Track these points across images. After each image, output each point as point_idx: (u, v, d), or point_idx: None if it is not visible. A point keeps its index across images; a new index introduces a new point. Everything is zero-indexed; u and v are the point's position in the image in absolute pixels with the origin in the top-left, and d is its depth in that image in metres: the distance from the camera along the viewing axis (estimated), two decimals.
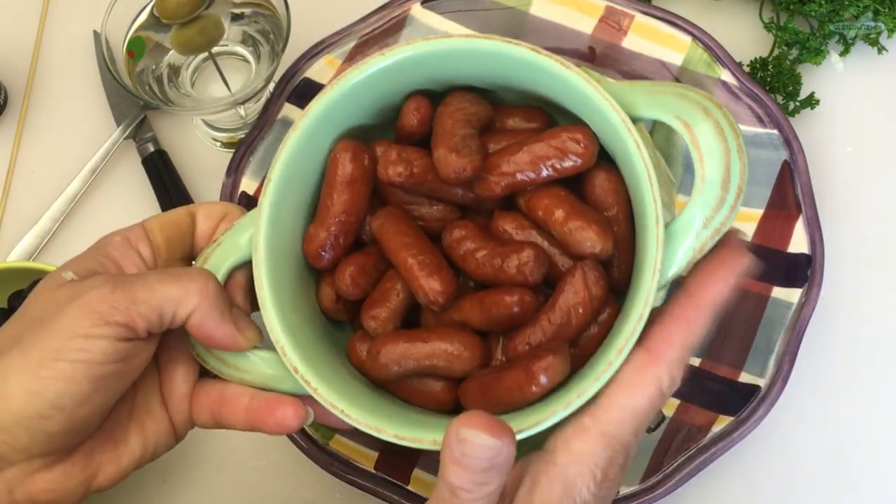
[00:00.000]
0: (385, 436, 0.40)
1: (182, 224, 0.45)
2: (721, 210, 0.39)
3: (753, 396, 0.55)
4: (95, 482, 0.42)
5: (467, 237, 0.43)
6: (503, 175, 0.43)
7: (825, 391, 0.58)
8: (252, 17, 0.63)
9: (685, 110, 0.40)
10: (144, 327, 0.39)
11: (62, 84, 0.69)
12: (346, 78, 0.44)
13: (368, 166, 0.45)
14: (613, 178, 0.43)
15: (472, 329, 0.43)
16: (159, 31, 0.61)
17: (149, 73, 0.62)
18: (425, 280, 0.42)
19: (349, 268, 0.45)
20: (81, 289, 0.39)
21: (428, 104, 0.45)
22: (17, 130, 0.68)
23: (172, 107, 0.62)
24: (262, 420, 0.42)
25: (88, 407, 0.39)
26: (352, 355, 0.46)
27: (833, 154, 0.62)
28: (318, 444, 0.56)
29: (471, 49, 0.43)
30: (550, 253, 0.43)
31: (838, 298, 0.59)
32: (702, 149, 0.39)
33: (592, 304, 0.41)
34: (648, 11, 0.61)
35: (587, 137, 0.42)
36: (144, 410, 0.43)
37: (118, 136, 0.66)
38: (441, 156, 0.42)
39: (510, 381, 0.40)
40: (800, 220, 0.57)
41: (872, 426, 0.57)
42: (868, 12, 0.62)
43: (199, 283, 0.40)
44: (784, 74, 0.62)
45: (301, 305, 0.45)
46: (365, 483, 0.55)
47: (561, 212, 0.41)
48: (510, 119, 0.46)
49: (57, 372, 0.37)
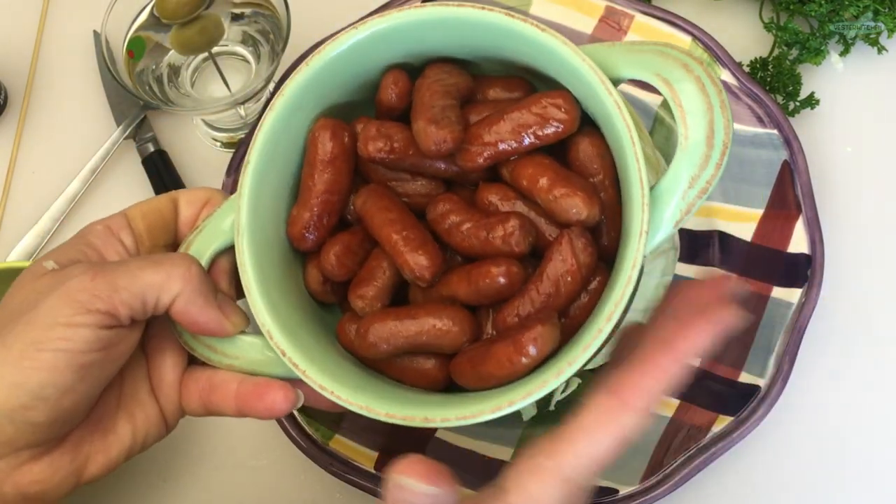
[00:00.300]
0: (375, 415, 0.40)
1: (164, 211, 0.45)
2: (707, 168, 0.38)
3: (753, 396, 0.55)
4: (85, 472, 0.41)
5: (452, 210, 0.43)
6: (485, 145, 0.42)
7: (825, 391, 0.58)
8: (252, 17, 0.63)
9: (665, 68, 0.39)
10: (127, 314, 0.39)
11: (62, 84, 0.69)
12: (321, 55, 0.43)
13: (349, 144, 0.44)
14: (598, 143, 0.42)
15: (460, 303, 0.42)
16: (159, 31, 0.61)
17: (149, 73, 0.62)
18: (411, 256, 0.42)
19: (334, 248, 0.44)
20: (61, 278, 0.39)
21: (406, 77, 0.44)
22: (17, 130, 0.68)
23: (172, 107, 0.62)
24: (251, 405, 0.42)
25: (73, 396, 0.38)
26: (341, 336, 0.45)
27: (833, 154, 0.62)
28: (318, 444, 0.55)
29: (445, 17, 0.42)
30: (537, 222, 0.42)
31: (838, 298, 0.59)
32: (684, 106, 0.38)
33: (581, 273, 0.40)
34: (648, 11, 0.61)
35: (568, 102, 0.41)
36: (133, 399, 0.43)
37: (118, 136, 0.66)
38: (420, 128, 0.41)
39: (500, 354, 0.39)
40: (800, 220, 0.57)
41: (872, 426, 0.57)
42: (868, 12, 0.62)
43: (181, 269, 0.40)
44: (784, 74, 0.62)
45: (288, 289, 0.44)
46: (365, 483, 0.55)
47: (545, 179, 0.41)
48: (491, 89, 0.45)
49: (39, 362, 0.37)
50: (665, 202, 0.38)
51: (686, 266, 0.59)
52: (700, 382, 0.56)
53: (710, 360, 0.56)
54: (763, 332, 0.56)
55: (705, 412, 0.55)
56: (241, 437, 0.59)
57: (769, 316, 0.56)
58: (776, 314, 0.56)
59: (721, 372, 0.56)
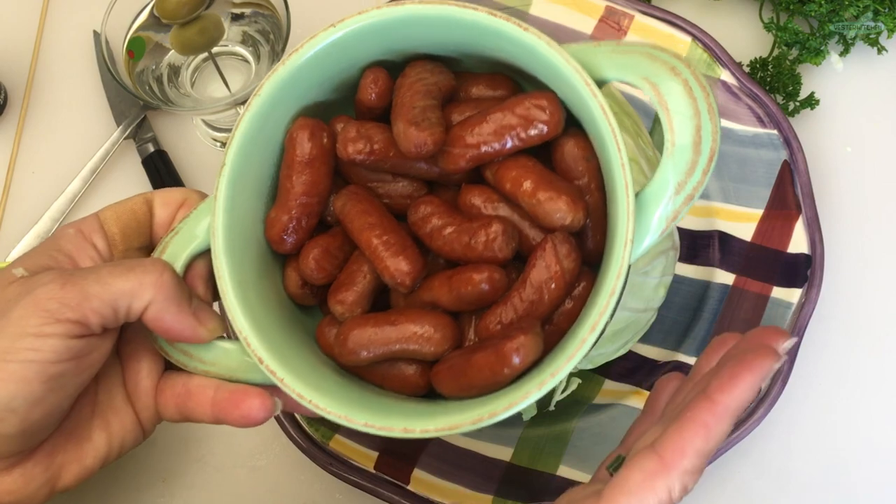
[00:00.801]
0: (354, 424, 0.39)
1: (138, 213, 0.43)
2: (694, 174, 0.37)
3: None
4: (59, 482, 0.40)
5: (433, 213, 0.42)
6: (467, 147, 0.40)
7: (825, 391, 0.58)
8: (252, 17, 0.63)
9: (652, 70, 0.38)
10: (98, 323, 0.38)
11: (62, 84, 0.69)
12: (298, 53, 0.42)
13: (328, 144, 0.43)
14: (583, 146, 0.41)
15: (442, 309, 0.41)
16: (159, 31, 0.61)
17: (149, 73, 0.62)
18: (391, 261, 0.41)
19: (313, 251, 0.43)
20: (30, 286, 0.38)
21: (386, 76, 0.43)
22: (17, 130, 0.68)
23: (172, 107, 0.62)
24: (227, 412, 0.41)
25: (43, 407, 0.38)
26: (321, 341, 0.44)
27: (833, 154, 0.62)
28: (318, 444, 0.55)
29: (425, 15, 0.41)
30: (520, 226, 0.41)
31: (838, 298, 0.59)
32: (670, 110, 0.37)
33: (565, 279, 0.39)
34: (648, 11, 0.61)
35: (552, 104, 0.40)
36: (108, 407, 0.42)
37: (118, 136, 0.66)
38: (400, 130, 0.40)
39: (481, 363, 0.38)
40: (800, 220, 0.57)
41: (872, 426, 0.57)
42: (868, 12, 0.62)
43: (153, 275, 0.39)
44: (784, 74, 0.62)
45: (266, 292, 0.43)
46: (365, 483, 0.55)
47: (529, 183, 0.39)
48: (474, 88, 0.44)
49: (8, 373, 0.36)
50: (651, 209, 0.37)
51: (686, 266, 0.59)
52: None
53: None
54: None
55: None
56: (241, 438, 0.59)
57: (769, 316, 0.56)
58: (776, 314, 0.56)
59: None
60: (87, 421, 0.41)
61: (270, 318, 0.42)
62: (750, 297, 0.57)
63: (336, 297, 0.43)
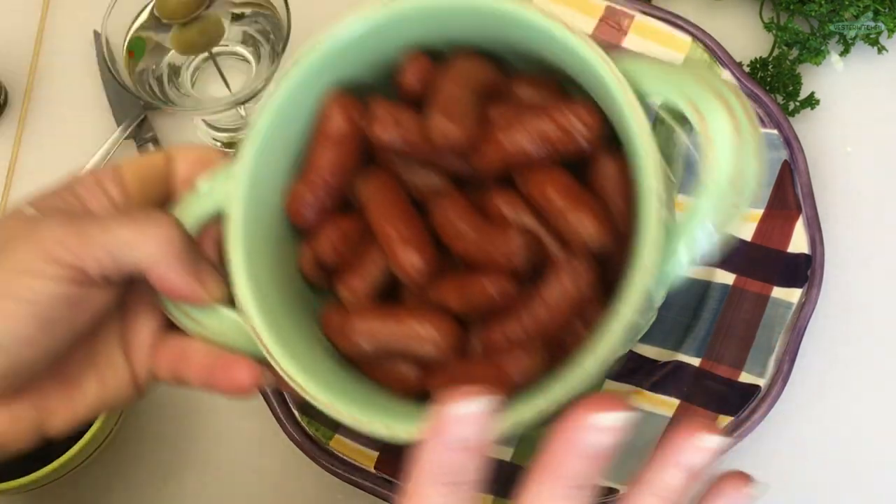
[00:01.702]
0: (341, 417, 0.38)
1: (158, 166, 0.42)
2: (728, 212, 0.35)
3: (753, 396, 0.55)
4: (47, 425, 0.40)
5: (456, 212, 0.40)
6: (500, 149, 0.39)
7: (825, 391, 0.58)
8: (252, 17, 0.63)
9: (699, 94, 0.35)
10: (97, 271, 0.37)
11: (62, 84, 0.69)
12: (344, 27, 0.41)
13: (360, 123, 0.41)
14: (621, 167, 0.39)
15: (450, 312, 0.40)
16: (159, 31, 0.61)
17: (149, 73, 0.62)
18: (403, 253, 0.39)
19: (332, 233, 0.42)
20: (35, 225, 0.37)
21: (428, 62, 0.42)
22: (17, 130, 0.68)
23: (173, 107, 0.62)
24: (215, 378, 0.40)
25: (34, 348, 0.37)
26: (325, 325, 0.42)
27: (833, 154, 0.62)
28: (318, 443, 0.55)
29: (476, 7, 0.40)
30: (542, 239, 0.39)
31: (838, 298, 0.59)
32: (713, 142, 0.35)
33: (578, 302, 0.38)
34: (648, 11, 0.61)
35: (594, 119, 0.38)
36: (104, 357, 0.41)
37: (118, 136, 0.66)
38: (433, 119, 0.39)
39: (479, 376, 0.37)
40: (800, 220, 0.57)
41: (873, 426, 0.57)
42: (868, 12, 0.62)
43: (160, 229, 0.38)
44: (784, 74, 0.62)
45: (277, 265, 0.42)
46: (365, 483, 0.55)
47: (558, 196, 0.38)
48: (519, 88, 0.42)
49: (1, 311, 0.36)
50: (679, 244, 0.35)
51: None
52: (700, 382, 0.56)
53: (710, 360, 0.56)
54: (763, 332, 0.56)
55: (705, 412, 0.55)
56: (241, 438, 0.59)
57: (769, 316, 0.56)
58: (776, 314, 0.56)
59: (721, 372, 0.56)
60: (80, 368, 0.41)
61: (277, 292, 0.41)
62: (750, 296, 0.57)
63: (345, 282, 0.42)
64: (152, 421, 0.60)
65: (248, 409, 0.59)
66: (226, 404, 0.60)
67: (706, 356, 0.56)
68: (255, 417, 0.58)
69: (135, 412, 0.60)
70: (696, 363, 0.56)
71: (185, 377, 0.41)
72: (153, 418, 0.60)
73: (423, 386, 0.41)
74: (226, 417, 0.60)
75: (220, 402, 0.60)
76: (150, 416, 0.60)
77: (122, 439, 0.59)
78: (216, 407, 0.60)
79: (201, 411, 0.60)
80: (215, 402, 0.60)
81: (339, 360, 0.42)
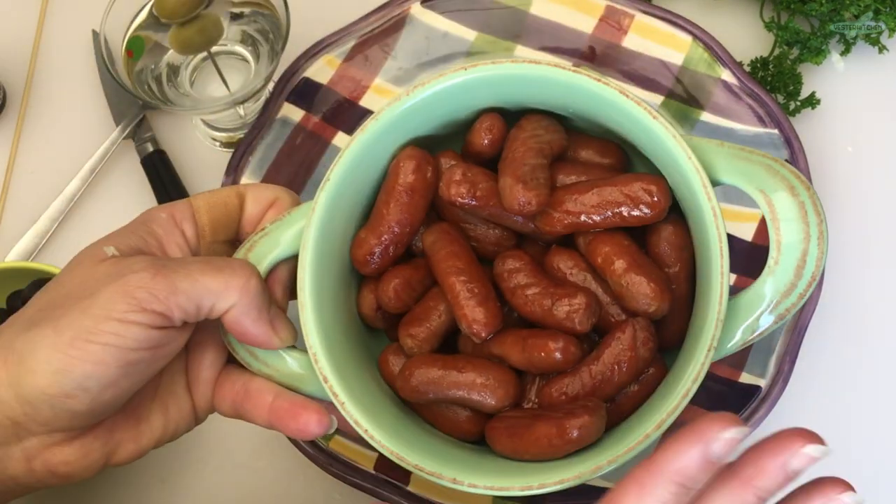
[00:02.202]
0: (405, 465, 0.40)
1: (230, 205, 0.44)
2: (790, 297, 0.37)
3: (754, 397, 0.55)
4: (114, 457, 0.41)
5: (520, 270, 0.42)
6: (567, 213, 0.41)
7: (826, 391, 0.58)
8: (251, 16, 0.63)
9: (770, 184, 0.38)
10: (181, 317, 0.39)
11: (61, 84, 0.69)
12: (422, 88, 0.43)
13: (431, 178, 0.43)
14: (681, 235, 0.41)
15: (509, 365, 0.42)
16: (158, 31, 0.61)
17: (148, 73, 0.62)
18: (471, 310, 0.41)
19: (395, 280, 0.43)
20: (122, 269, 0.39)
21: (501, 124, 0.44)
22: (15, 130, 0.68)
23: (171, 106, 0.62)
24: (284, 422, 0.42)
25: (114, 390, 0.38)
26: (383, 368, 0.45)
27: (833, 154, 0.62)
28: (317, 444, 0.55)
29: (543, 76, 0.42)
30: (603, 302, 0.41)
31: (838, 298, 0.59)
32: (781, 229, 0.37)
33: (637, 365, 0.40)
34: (649, 11, 0.61)
35: (662, 192, 0.40)
36: (169, 392, 0.43)
37: (117, 135, 0.66)
38: (507, 185, 0.41)
39: (540, 433, 0.39)
40: None
41: (873, 426, 0.57)
42: (869, 12, 0.62)
43: (242, 279, 0.40)
44: (785, 74, 0.62)
45: (339, 308, 0.44)
46: (365, 483, 0.54)
47: (621, 262, 0.40)
48: (584, 150, 0.44)
49: (87, 354, 0.37)
50: (740, 318, 0.38)
51: None
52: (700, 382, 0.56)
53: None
54: None
55: (705, 413, 0.55)
56: (240, 438, 0.59)
57: None
58: None
59: (721, 372, 0.56)
60: (147, 403, 0.42)
61: (339, 335, 0.43)
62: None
63: (408, 331, 0.43)
64: None
65: None
66: None
67: None
68: None
69: None
70: None
71: (248, 415, 0.43)
72: None
73: (477, 430, 0.43)
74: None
75: None
76: None
77: None
78: None
79: None
80: None
81: (395, 401, 0.44)
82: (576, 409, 0.39)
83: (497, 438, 0.41)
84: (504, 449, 0.41)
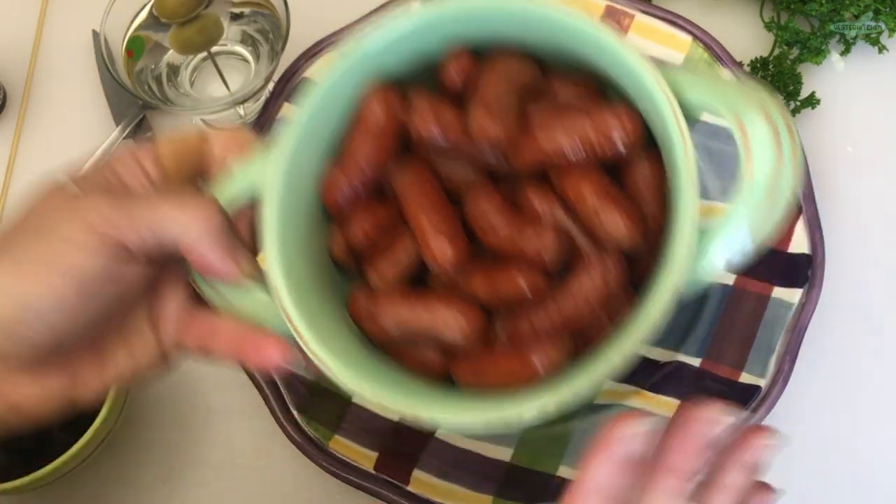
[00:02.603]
0: (364, 393, 0.39)
1: (193, 145, 0.43)
2: (763, 220, 0.36)
3: (754, 397, 0.55)
4: (77, 393, 0.41)
5: (490, 205, 0.41)
6: (538, 148, 0.40)
7: (826, 391, 0.58)
8: (251, 16, 0.63)
9: (741, 104, 0.36)
10: (139, 247, 0.38)
11: (61, 83, 0.69)
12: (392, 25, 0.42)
13: (400, 115, 0.42)
14: (656, 170, 0.40)
15: (477, 301, 0.41)
16: (158, 31, 0.61)
17: (148, 73, 0.62)
18: (436, 244, 0.40)
19: (364, 219, 0.43)
20: (80, 201, 0.38)
21: (470, 59, 0.43)
22: (16, 130, 0.68)
23: (171, 106, 0.62)
24: (245, 352, 0.42)
25: (73, 320, 0.38)
26: (351, 308, 0.43)
27: (833, 154, 0.62)
28: (317, 444, 0.55)
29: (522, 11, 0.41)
30: (573, 235, 0.40)
31: (838, 298, 0.59)
32: (752, 152, 0.36)
33: (606, 298, 0.39)
34: (649, 11, 0.61)
35: (634, 124, 0.39)
36: (133, 329, 0.42)
37: (117, 135, 0.66)
38: (474, 115, 0.40)
39: (504, 366, 0.39)
40: (800, 220, 0.57)
41: (873, 426, 0.57)
42: (869, 12, 0.62)
43: (204, 212, 0.39)
44: (784, 74, 0.62)
45: (308, 249, 0.43)
46: (364, 483, 0.55)
47: (593, 196, 0.39)
48: (558, 87, 0.43)
49: (45, 282, 0.37)
50: (710, 249, 0.36)
51: None
52: (700, 382, 0.56)
53: (711, 360, 0.56)
54: (763, 332, 0.56)
55: None
56: (240, 438, 0.59)
57: (769, 316, 0.56)
58: (776, 314, 0.56)
59: (721, 372, 0.56)
60: (111, 340, 0.42)
61: (306, 274, 0.42)
62: (751, 297, 0.57)
63: (375, 267, 0.42)
64: (151, 421, 0.60)
65: (248, 409, 0.59)
66: (225, 405, 0.60)
67: (707, 356, 0.56)
68: (254, 418, 0.58)
69: (134, 412, 0.60)
70: (696, 363, 0.56)
71: (212, 350, 0.42)
72: (152, 419, 0.60)
73: (446, 370, 0.42)
74: (225, 418, 0.60)
75: (220, 402, 0.60)
76: (150, 417, 0.60)
77: (122, 439, 0.59)
78: (215, 407, 0.60)
79: (200, 412, 0.60)
80: (215, 403, 0.60)
81: (365, 342, 0.43)
82: (539, 341, 0.38)
83: (461, 373, 0.41)
84: (468, 383, 0.40)
